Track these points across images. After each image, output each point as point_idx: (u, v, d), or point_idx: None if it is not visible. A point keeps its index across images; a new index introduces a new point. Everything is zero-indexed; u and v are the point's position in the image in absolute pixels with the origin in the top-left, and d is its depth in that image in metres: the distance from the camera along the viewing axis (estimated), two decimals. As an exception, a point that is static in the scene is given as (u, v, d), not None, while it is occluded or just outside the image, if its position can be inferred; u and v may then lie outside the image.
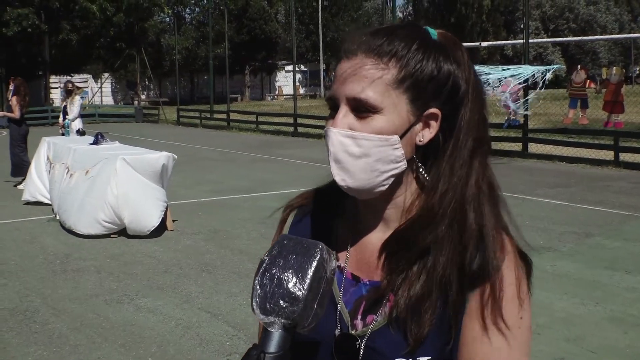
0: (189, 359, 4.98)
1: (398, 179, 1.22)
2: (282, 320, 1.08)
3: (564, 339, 5.17)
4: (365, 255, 1.28)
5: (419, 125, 1.20)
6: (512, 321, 1.16)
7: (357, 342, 1.22)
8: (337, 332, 1.25)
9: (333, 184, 1.29)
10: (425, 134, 1.20)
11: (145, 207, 8.75)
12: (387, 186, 1.20)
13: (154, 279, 6.98)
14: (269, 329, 1.09)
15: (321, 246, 1.12)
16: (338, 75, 1.21)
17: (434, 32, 1.23)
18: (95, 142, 10.65)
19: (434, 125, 1.20)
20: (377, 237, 1.26)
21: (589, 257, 7.54)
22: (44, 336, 5.45)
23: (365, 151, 1.17)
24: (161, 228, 8.99)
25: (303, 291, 1.08)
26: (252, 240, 8.52)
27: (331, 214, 1.35)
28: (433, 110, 1.19)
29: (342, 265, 1.29)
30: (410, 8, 63.72)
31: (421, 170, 1.22)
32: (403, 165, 1.19)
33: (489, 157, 1.24)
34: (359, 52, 1.19)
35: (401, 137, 1.18)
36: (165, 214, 9.04)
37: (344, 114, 1.19)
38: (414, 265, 1.18)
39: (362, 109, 1.17)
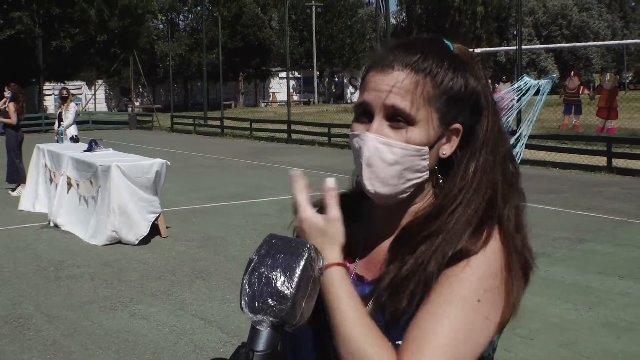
0: (183, 366, 4.98)
1: (418, 188, 1.29)
2: (271, 319, 1.10)
3: (557, 344, 5.18)
4: (373, 257, 1.34)
5: (444, 139, 1.27)
6: (467, 297, 1.16)
7: None
8: None
9: (354, 190, 1.39)
10: (447, 148, 1.28)
11: (134, 216, 8.82)
12: (408, 194, 1.27)
13: (147, 286, 6.98)
14: (257, 327, 1.11)
15: (309, 245, 1.14)
16: (372, 86, 1.26)
17: (451, 46, 1.31)
18: (89, 149, 10.64)
19: (455, 140, 1.28)
20: (389, 241, 1.32)
21: (582, 262, 7.56)
22: (38, 343, 5.43)
23: (397, 159, 1.23)
24: (155, 235, 8.99)
25: (291, 290, 1.09)
26: (246, 247, 8.51)
27: (348, 217, 1.39)
28: (457, 125, 1.27)
29: (350, 266, 1.34)
30: (404, 15, 63.88)
31: (440, 181, 1.30)
32: (426, 175, 1.27)
33: (509, 164, 1.30)
34: (396, 65, 1.24)
35: (429, 149, 1.25)
36: (158, 221, 9.06)
37: (379, 123, 1.24)
38: (408, 254, 1.24)
39: (398, 119, 1.23)
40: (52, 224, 9.85)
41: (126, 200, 8.81)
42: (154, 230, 9.09)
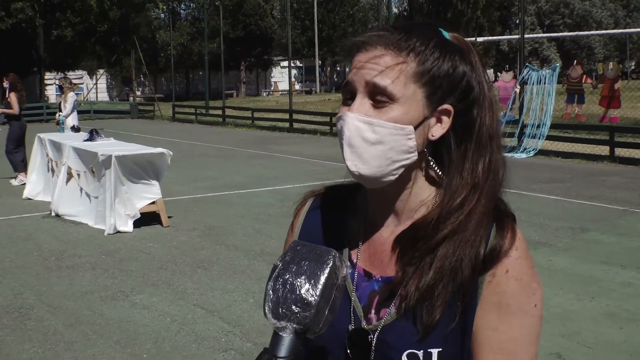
0: (185, 356, 4.97)
1: (408, 172, 1.24)
2: (294, 325, 1.10)
3: (559, 335, 5.17)
4: (377, 251, 1.30)
5: (432, 120, 1.23)
6: (526, 309, 1.20)
7: (370, 336, 1.25)
8: (350, 327, 1.27)
9: (348, 180, 1.35)
10: (437, 130, 1.24)
11: (135, 206, 8.87)
12: (396, 176, 1.23)
13: (149, 276, 6.97)
14: (280, 333, 1.11)
15: (334, 253, 1.13)
16: (356, 64, 1.23)
17: (446, 34, 1.27)
18: (90, 139, 10.61)
19: (446, 121, 1.23)
20: (388, 231, 1.29)
21: (584, 252, 7.54)
22: (39, 333, 5.43)
23: (380, 138, 1.19)
24: (156, 224, 8.99)
25: (315, 297, 1.09)
26: (248, 236, 8.51)
27: (344, 209, 1.38)
28: (446, 106, 1.23)
29: (355, 260, 1.31)
30: (406, 3, 63.68)
31: (432, 164, 1.26)
32: (414, 156, 1.22)
33: (503, 153, 1.30)
34: (378, 45, 1.22)
35: (415, 128, 1.21)
36: (159, 210, 9.08)
37: (361, 101, 1.21)
38: (427, 256, 1.22)
39: (380, 97, 1.19)
40: (53, 214, 9.84)
41: (127, 189, 8.82)
42: (156, 220, 9.09)
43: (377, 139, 1.19)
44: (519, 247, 1.21)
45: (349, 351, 1.26)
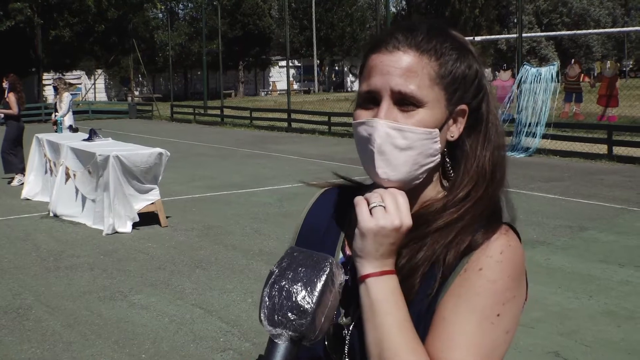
0: (183, 355, 4.97)
1: (429, 174, 1.25)
2: (290, 333, 1.09)
3: (557, 333, 5.17)
4: None
5: (450, 121, 1.24)
6: (487, 313, 1.15)
7: (344, 332, 1.24)
8: None
9: (354, 179, 1.39)
10: (454, 130, 1.25)
11: (133, 206, 8.86)
12: (421, 180, 1.24)
13: (147, 276, 6.96)
14: (275, 340, 1.10)
15: (331, 260, 1.12)
16: (377, 68, 1.21)
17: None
18: (89, 139, 10.61)
19: (461, 121, 1.25)
20: None
21: (582, 250, 7.55)
22: (38, 334, 5.43)
23: (410, 144, 1.19)
24: (155, 224, 8.99)
25: (311, 304, 1.08)
26: (246, 236, 8.50)
27: (350, 202, 1.37)
28: (463, 106, 1.24)
29: (348, 253, 1.30)
30: (404, 2, 63.68)
31: (447, 163, 1.27)
32: (438, 159, 1.24)
33: (506, 148, 1.31)
34: (401, 46, 1.21)
35: (439, 131, 1.22)
36: (158, 210, 9.07)
37: (388, 107, 1.20)
38: (421, 240, 1.21)
39: (407, 103, 1.19)
40: (51, 214, 9.84)
41: (125, 189, 8.81)
42: (154, 220, 9.09)
43: (407, 144, 1.19)
44: (505, 252, 1.17)
45: (326, 343, 1.25)
